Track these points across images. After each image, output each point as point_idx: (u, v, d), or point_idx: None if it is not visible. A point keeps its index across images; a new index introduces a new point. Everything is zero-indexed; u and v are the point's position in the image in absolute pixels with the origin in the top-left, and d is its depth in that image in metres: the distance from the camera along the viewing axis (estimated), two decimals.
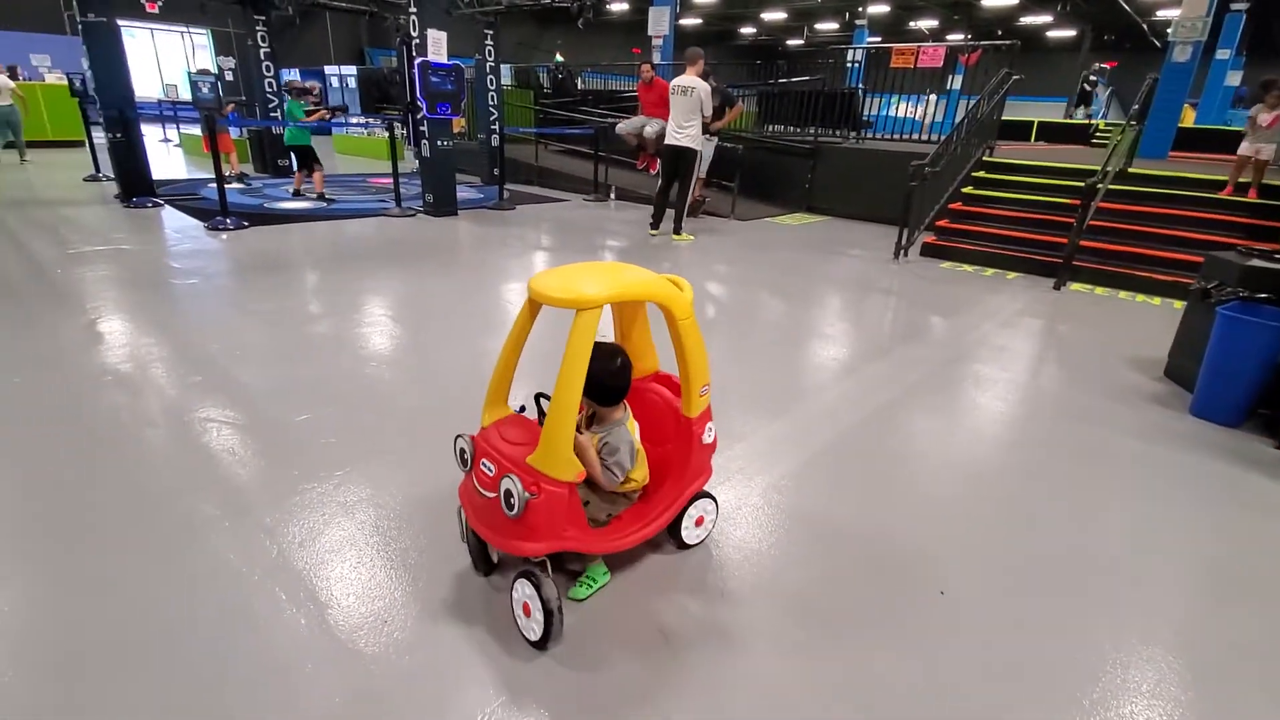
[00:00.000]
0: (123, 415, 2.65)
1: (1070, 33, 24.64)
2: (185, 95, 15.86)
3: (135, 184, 7.14)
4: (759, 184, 9.01)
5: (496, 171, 8.78)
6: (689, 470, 1.85)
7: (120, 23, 6.93)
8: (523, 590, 1.57)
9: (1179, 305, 4.75)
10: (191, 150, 12.53)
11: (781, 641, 1.66)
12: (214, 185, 6.46)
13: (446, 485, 2.20)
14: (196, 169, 10.36)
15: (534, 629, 1.56)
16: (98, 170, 8.75)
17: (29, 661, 1.49)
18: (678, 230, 6.80)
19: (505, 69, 11.11)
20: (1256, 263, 3.11)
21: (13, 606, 1.65)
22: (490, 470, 1.62)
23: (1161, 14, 20.09)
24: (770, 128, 9.94)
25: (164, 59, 20.60)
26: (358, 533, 1.97)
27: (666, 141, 6.54)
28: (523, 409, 1.88)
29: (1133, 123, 6.88)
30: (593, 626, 1.67)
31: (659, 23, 13.26)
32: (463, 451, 1.72)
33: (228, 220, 6.22)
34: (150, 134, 10.77)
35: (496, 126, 9.40)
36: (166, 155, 12.06)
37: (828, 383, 3.37)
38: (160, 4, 15.41)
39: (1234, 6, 13.69)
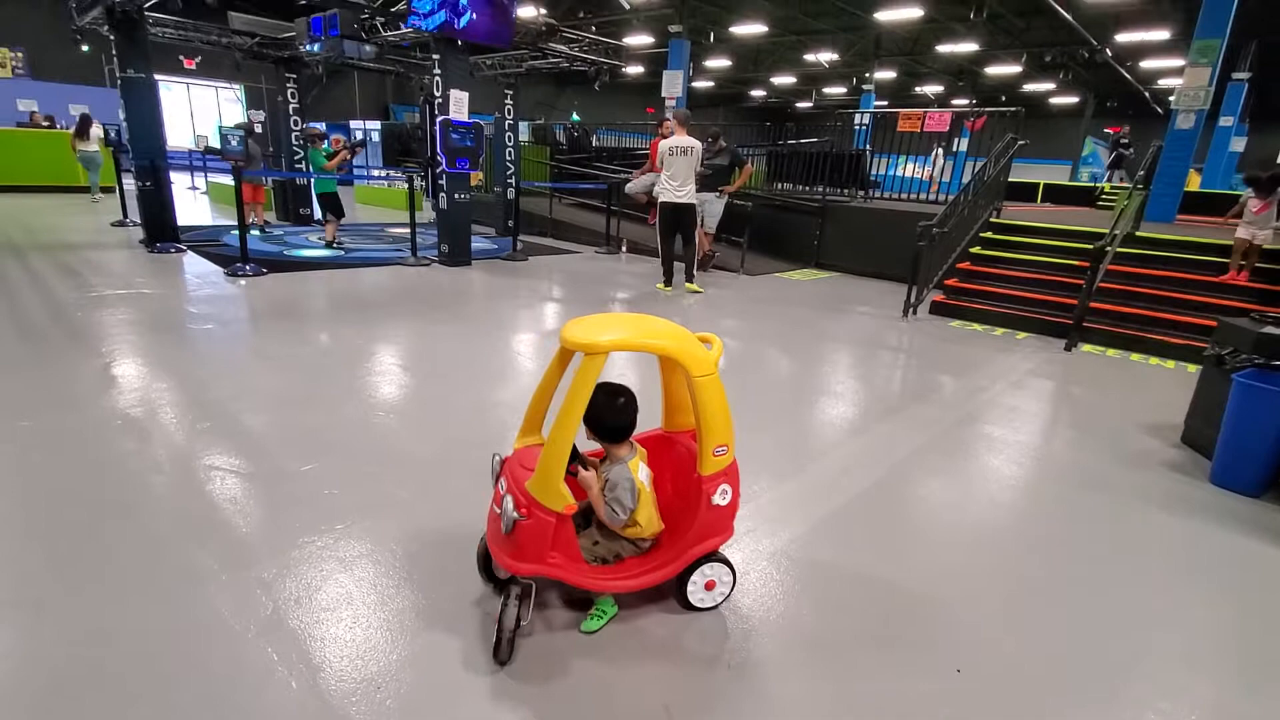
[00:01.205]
0: (130, 461, 2.64)
1: (1073, 99, 25.30)
2: (215, 146, 16.48)
3: (160, 230, 7.34)
4: (768, 240, 9.15)
5: (511, 223, 8.98)
6: (695, 528, 1.83)
7: (158, 78, 7.27)
8: (498, 604, 1.69)
9: (1193, 369, 4.71)
10: (218, 198, 12.92)
11: (787, 713, 1.59)
12: (237, 232, 6.63)
13: (447, 542, 2.17)
14: (221, 216, 10.66)
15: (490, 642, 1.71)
16: (125, 216, 9.03)
17: (16, 711, 1.45)
18: (690, 278, 6.98)
19: (523, 126, 11.49)
20: (1270, 330, 3.09)
21: (5, 653, 1.61)
22: (503, 489, 1.76)
23: (1163, 82, 20.65)
24: (779, 186, 10.16)
25: (197, 111, 21.49)
26: (355, 590, 1.93)
27: (668, 199, 6.66)
28: None
29: (1139, 186, 6.97)
30: (595, 696, 1.60)
31: (672, 85, 13.74)
32: (495, 469, 1.88)
33: (247, 267, 6.36)
34: (179, 182, 11.18)
35: (513, 180, 9.66)
36: (193, 202, 12.44)
37: (837, 442, 3.33)
38: (198, 61, 16.19)
39: (1235, 76, 14.06)
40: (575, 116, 22.54)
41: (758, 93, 31.24)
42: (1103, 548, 2.49)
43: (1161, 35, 15.55)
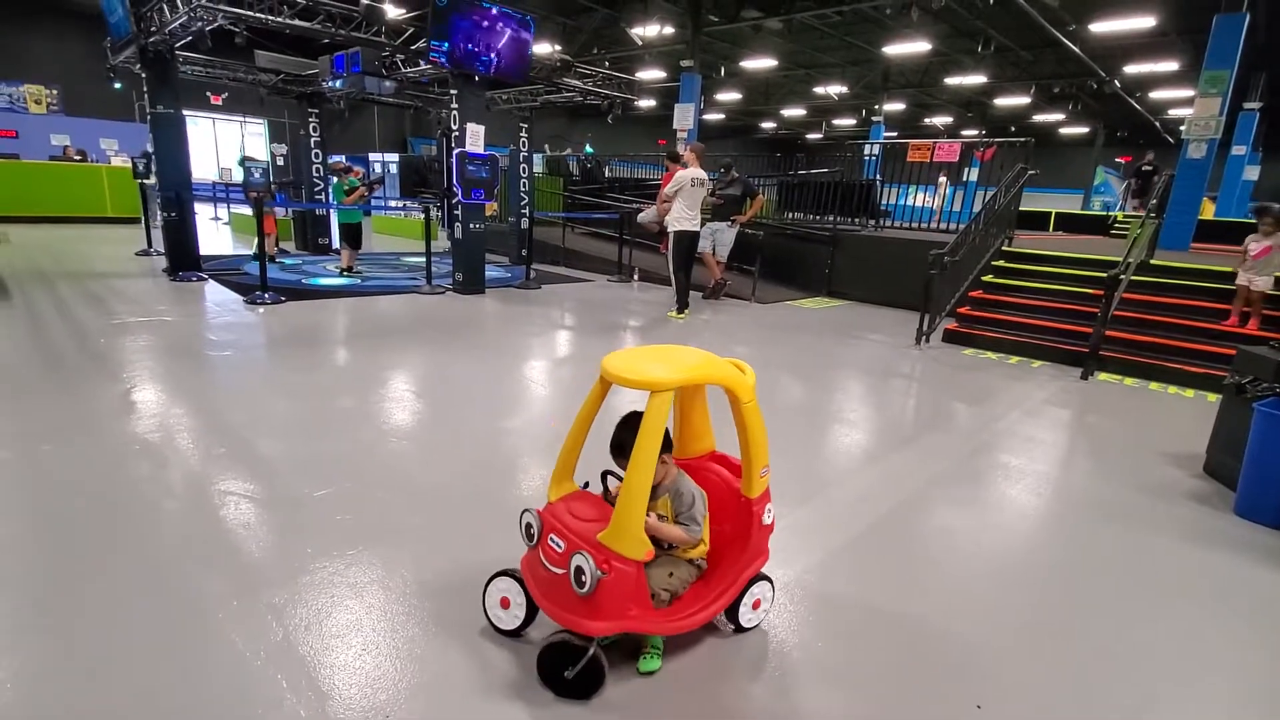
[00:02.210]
0: (145, 486, 2.67)
1: (1083, 129, 25.41)
2: (238, 178, 16.97)
3: (183, 259, 7.50)
4: (780, 269, 9.19)
5: (525, 252, 9.10)
6: (749, 550, 1.83)
7: (185, 113, 7.51)
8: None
9: (1213, 398, 4.64)
10: (239, 228, 13.22)
11: None
12: (256, 261, 6.77)
13: (459, 569, 2.16)
14: (243, 246, 10.89)
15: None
16: (150, 245, 9.25)
17: None
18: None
19: (537, 157, 11.71)
20: None
21: (11, 683, 1.62)
22: (560, 546, 1.64)
23: (1173, 112, 20.70)
24: (790, 215, 10.24)
25: (222, 143, 22.11)
26: (365, 617, 1.92)
27: (686, 228, 6.75)
28: (586, 485, 1.90)
29: (1152, 215, 6.96)
30: None
31: (684, 118, 14.00)
32: (529, 526, 1.75)
33: (266, 295, 6.47)
34: (202, 212, 11.48)
35: (527, 210, 9.81)
36: (215, 232, 12.74)
37: (852, 470, 3.30)
38: (224, 96, 16.71)
39: (1246, 106, 14.08)
40: (589, 149, 22.91)
41: (768, 124, 31.68)
42: (1126, 580, 2.43)
43: (1170, 66, 15.65)
